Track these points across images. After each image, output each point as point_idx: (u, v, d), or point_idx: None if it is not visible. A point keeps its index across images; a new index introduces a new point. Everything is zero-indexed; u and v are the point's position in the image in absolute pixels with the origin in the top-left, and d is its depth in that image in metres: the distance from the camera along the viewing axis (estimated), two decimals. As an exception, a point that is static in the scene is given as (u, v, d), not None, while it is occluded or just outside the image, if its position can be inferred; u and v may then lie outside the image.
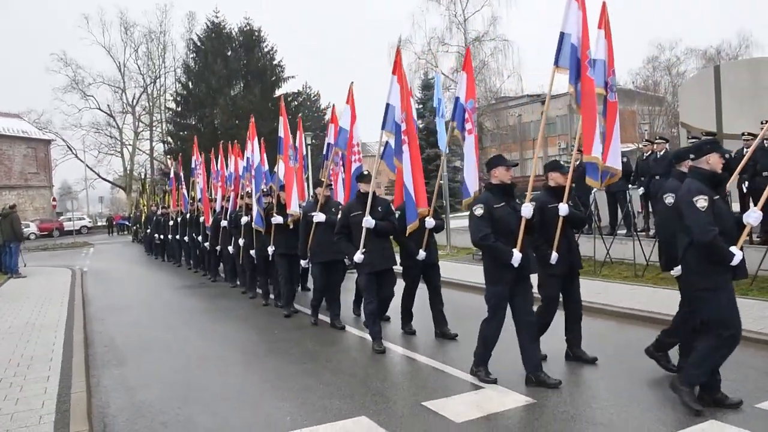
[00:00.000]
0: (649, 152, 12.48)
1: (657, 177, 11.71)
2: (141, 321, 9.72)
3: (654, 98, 48.69)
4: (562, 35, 5.96)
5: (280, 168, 9.89)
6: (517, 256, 5.31)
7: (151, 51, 51.71)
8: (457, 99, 7.49)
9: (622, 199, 12.79)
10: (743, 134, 10.97)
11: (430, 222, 7.33)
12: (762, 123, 10.52)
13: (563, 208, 5.78)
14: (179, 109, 42.57)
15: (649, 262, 10.88)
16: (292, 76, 43.84)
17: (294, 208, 9.05)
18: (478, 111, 41.58)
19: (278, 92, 42.66)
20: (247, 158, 11.19)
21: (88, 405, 5.45)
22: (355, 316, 8.77)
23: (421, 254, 7.30)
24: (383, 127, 7.59)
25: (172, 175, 18.63)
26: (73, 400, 5.56)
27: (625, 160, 12.97)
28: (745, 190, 10.75)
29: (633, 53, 79.77)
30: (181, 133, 41.84)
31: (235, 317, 9.59)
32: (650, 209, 12.67)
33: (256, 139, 10.99)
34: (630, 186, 12.92)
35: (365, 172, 7.58)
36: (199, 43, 42.36)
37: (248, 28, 42.38)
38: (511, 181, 5.61)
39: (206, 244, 13.80)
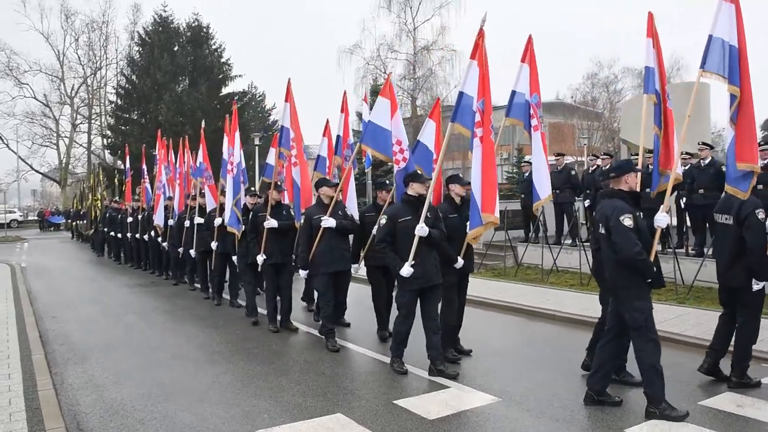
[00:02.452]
0: (595, 167, 13.14)
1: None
2: (95, 318, 9.55)
3: (592, 113, 50.52)
4: (710, 38, 5.57)
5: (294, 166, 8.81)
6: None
7: (93, 41, 49.93)
8: (514, 93, 7.19)
9: (569, 211, 13.42)
10: (682, 153, 11.72)
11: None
12: (699, 144, 11.34)
13: (663, 219, 5.24)
14: (122, 102, 41.48)
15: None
16: (240, 75, 43.57)
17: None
18: (422, 120, 42.19)
19: (225, 91, 42.26)
20: (229, 152, 10.19)
21: (58, 403, 5.42)
22: (314, 319, 8.94)
23: (460, 262, 6.63)
24: (453, 119, 6.52)
25: (127, 167, 18.02)
26: (42, 397, 5.52)
27: (573, 172, 13.69)
28: (683, 206, 11.54)
29: (574, 69, 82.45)
30: (123, 127, 40.81)
31: (194, 317, 9.55)
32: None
33: (237, 132, 10.16)
34: (576, 198, 13.62)
35: (419, 172, 6.81)
36: (145, 36, 41.41)
37: (196, 23, 41.83)
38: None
39: (165, 244, 13.36)
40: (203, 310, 10.16)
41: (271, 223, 8.14)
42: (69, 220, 35.11)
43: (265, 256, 8.23)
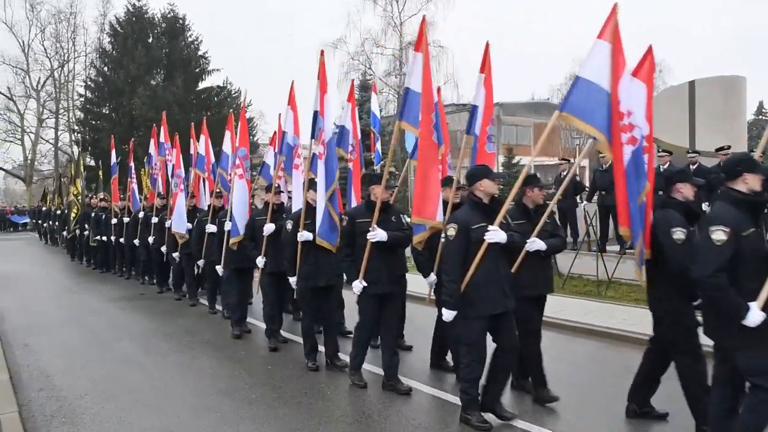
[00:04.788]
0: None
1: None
2: (81, 348, 7.57)
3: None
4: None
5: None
6: None
7: (60, 32, 47.19)
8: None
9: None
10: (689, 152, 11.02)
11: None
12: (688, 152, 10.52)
13: None
14: (92, 96, 38.98)
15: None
16: (217, 69, 41.19)
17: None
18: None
19: (201, 85, 40.07)
20: (286, 133, 8.04)
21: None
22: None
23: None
24: None
25: (113, 161, 15.59)
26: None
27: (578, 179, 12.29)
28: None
29: (557, 68, 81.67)
30: (94, 122, 38.35)
31: (205, 344, 7.65)
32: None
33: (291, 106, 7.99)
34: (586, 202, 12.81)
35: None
36: (118, 27, 38.98)
37: (172, 14, 39.54)
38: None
39: (176, 254, 10.64)
40: (212, 333, 8.27)
41: (304, 235, 6.34)
42: (36, 220, 32.04)
43: (303, 280, 6.42)
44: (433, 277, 5.91)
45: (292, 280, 6.55)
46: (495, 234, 4.64)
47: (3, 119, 46.69)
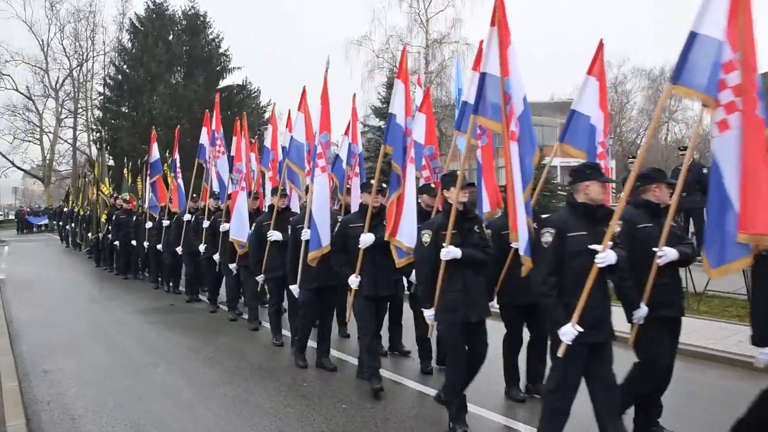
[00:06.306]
0: None
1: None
2: (110, 376, 6.36)
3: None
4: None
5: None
6: None
7: (79, 31, 46.53)
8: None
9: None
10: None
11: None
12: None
13: None
14: (111, 94, 38.13)
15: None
16: (239, 67, 40.24)
17: None
18: (438, 116, 39.12)
19: (222, 83, 39.10)
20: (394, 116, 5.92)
21: None
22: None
23: None
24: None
25: (154, 157, 14.01)
26: None
27: (705, 170, 10.58)
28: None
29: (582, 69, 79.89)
30: (113, 120, 37.46)
31: (256, 372, 6.41)
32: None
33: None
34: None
35: None
36: (138, 24, 38.12)
37: (193, 11, 38.65)
38: None
39: (233, 266, 8.91)
40: (261, 356, 7.06)
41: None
42: (57, 222, 30.89)
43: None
44: (644, 308, 4.29)
45: (429, 313, 4.80)
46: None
47: (22, 119, 46.14)
